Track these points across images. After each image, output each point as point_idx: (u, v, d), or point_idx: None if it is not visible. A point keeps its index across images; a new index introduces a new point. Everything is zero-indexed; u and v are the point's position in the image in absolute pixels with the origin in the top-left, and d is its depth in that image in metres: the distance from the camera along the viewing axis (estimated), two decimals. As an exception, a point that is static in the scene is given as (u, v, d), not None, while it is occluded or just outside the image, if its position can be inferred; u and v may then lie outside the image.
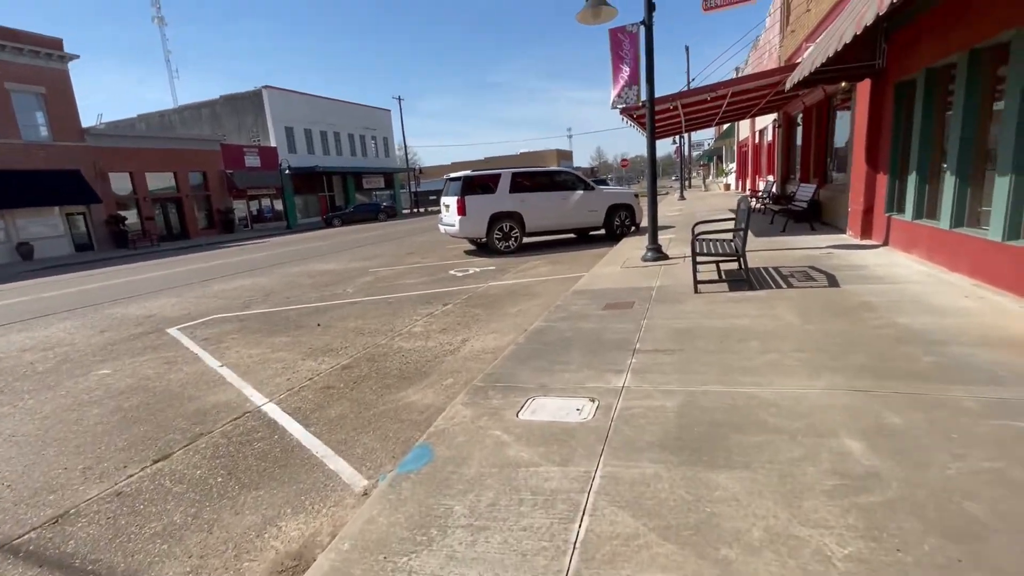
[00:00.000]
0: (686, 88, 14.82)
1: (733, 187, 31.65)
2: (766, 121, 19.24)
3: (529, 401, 3.33)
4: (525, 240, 12.61)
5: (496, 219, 11.74)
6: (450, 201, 11.90)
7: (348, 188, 42.34)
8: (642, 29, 7.78)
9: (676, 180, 33.66)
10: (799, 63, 8.36)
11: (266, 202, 35.15)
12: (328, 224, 34.74)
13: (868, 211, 8.08)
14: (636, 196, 13.15)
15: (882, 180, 7.69)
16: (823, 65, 6.63)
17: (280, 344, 5.87)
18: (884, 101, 7.57)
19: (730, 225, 8.84)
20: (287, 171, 35.31)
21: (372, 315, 6.95)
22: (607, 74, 8.24)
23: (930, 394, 2.91)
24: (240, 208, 33.04)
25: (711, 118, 14.62)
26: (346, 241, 20.22)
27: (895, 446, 2.44)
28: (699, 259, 5.92)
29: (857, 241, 8.22)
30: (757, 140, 22.31)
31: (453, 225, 11.80)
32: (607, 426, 2.90)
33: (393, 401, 4.04)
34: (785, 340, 4.01)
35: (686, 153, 35.78)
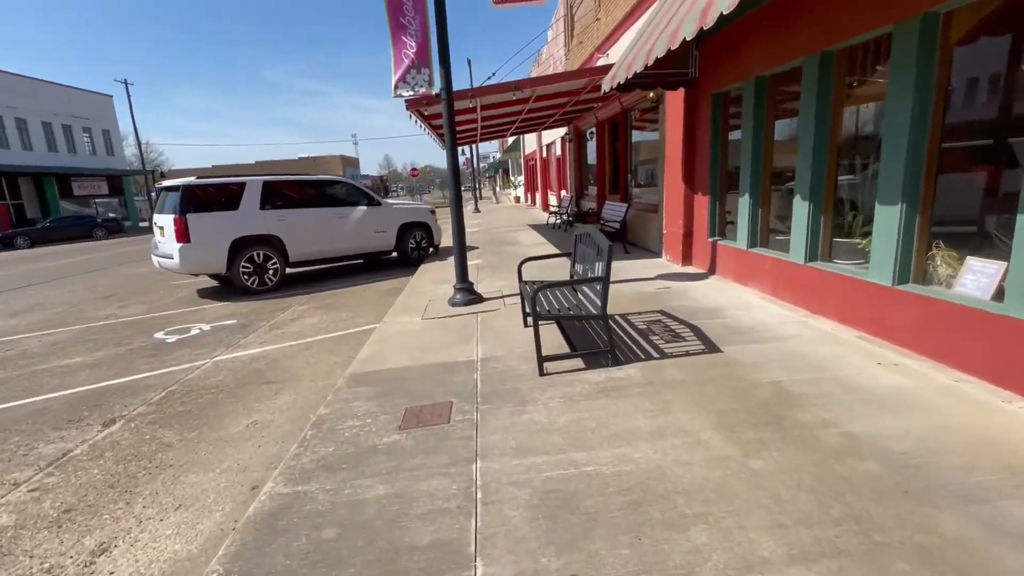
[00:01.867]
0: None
1: (523, 200, 32.25)
2: (554, 136, 19.20)
3: None
4: (290, 271, 9.43)
5: (241, 246, 8.35)
6: (165, 221, 8.08)
7: (47, 195, 31.40)
8: (431, -10, 5.65)
9: (466, 191, 32.93)
10: (611, 66, 7.24)
11: None
12: (6, 246, 24.80)
13: (688, 235, 7.33)
14: (433, 212, 11.05)
15: (702, 202, 6.95)
16: (640, 71, 5.42)
17: None
18: (699, 114, 6.82)
19: (559, 259, 7.34)
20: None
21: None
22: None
23: None
24: None
25: (506, 127, 13.43)
26: (11, 276, 13.73)
27: None
28: (543, 322, 3.96)
29: (679, 268, 7.42)
30: (545, 154, 22.46)
31: (171, 257, 8.02)
32: None
33: None
34: (743, 510, 2.20)
35: (475, 164, 35.50)
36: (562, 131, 17.60)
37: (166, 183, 8.39)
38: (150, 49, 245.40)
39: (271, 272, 8.67)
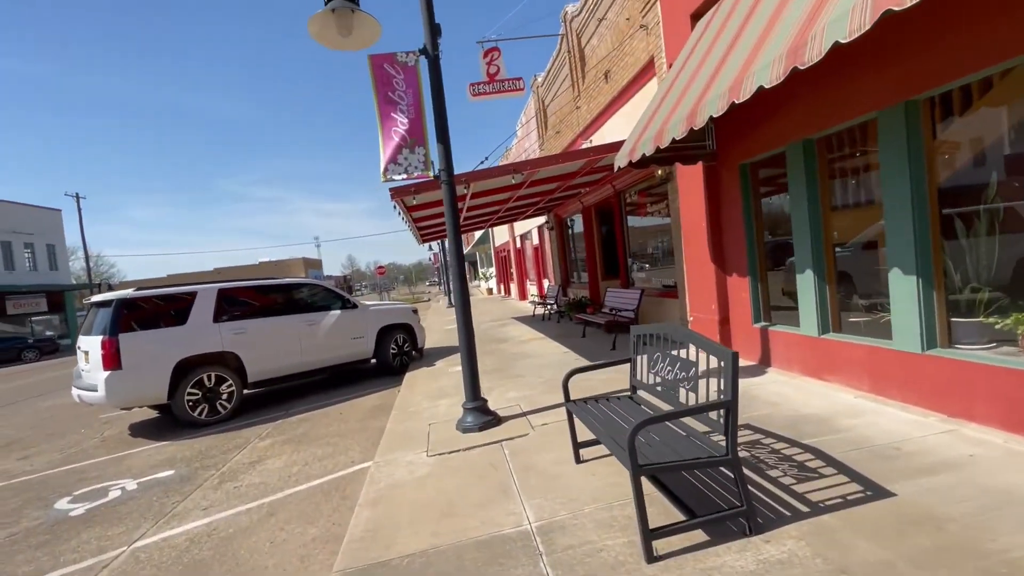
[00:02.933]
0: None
1: (495, 291, 31.55)
2: (529, 226, 18.83)
3: None
4: (249, 392, 7.87)
5: (188, 368, 6.84)
6: (91, 344, 6.55)
7: (-26, 316, 28.58)
8: (423, 61, 4.89)
9: (431, 286, 31.99)
10: (614, 144, 6.60)
11: None
12: (-85, 376, 21.70)
13: (724, 322, 6.34)
14: (415, 312, 9.84)
15: (739, 283, 6.05)
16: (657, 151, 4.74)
17: None
18: (724, 186, 6.12)
19: (612, 370, 6.22)
20: None
21: None
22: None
23: None
24: None
25: (487, 218, 12.78)
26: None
27: None
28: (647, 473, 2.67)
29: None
30: (519, 245, 22.04)
31: (95, 389, 6.40)
32: None
33: None
34: None
35: (444, 259, 34.97)
36: (537, 221, 17.21)
37: (96, 298, 6.96)
38: (102, 163, 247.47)
39: (224, 397, 7.09)
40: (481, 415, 4.87)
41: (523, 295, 22.25)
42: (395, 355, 9.15)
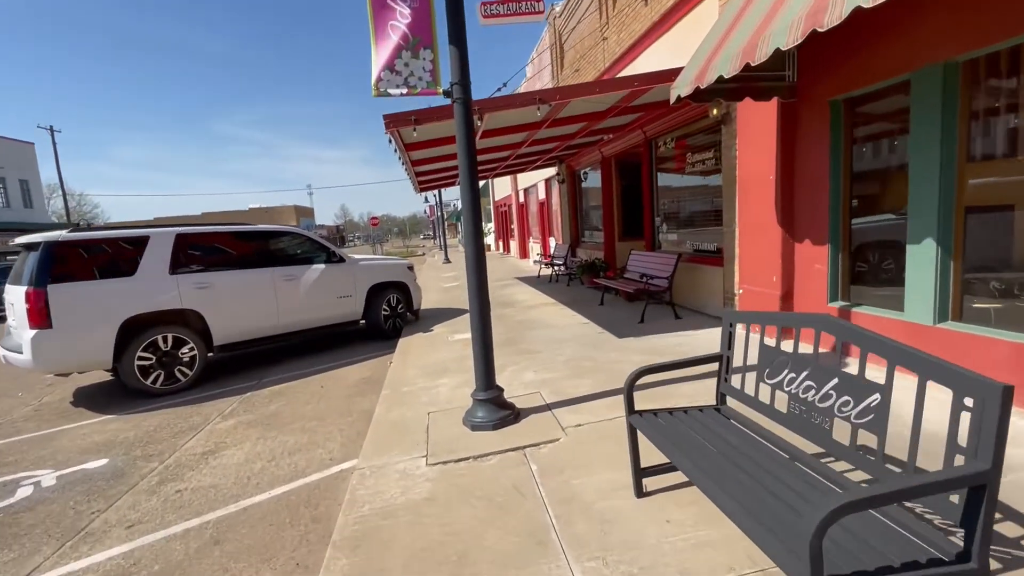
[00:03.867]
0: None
1: (493, 248, 30.31)
2: (535, 178, 17.42)
3: None
4: (220, 355, 6.81)
5: (137, 328, 5.71)
6: (17, 295, 5.38)
7: (-58, 253, 26.99)
8: (434, -71, 3.54)
9: (425, 239, 30.62)
10: (661, 73, 5.29)
11: None
12: None
13: (787, 297, 5.25)
14: (411, 268, 8.68)
15: (813, 252, 4.92)
16: (721, 80, 3.52)
17: None
18: (806, 129, 4.89)
19: (649, 340, 5.00)
20: None
21: None
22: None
23: None
24: None
25: (495, 165, 11.41)
26: None
27: None
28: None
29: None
30: (523, 199, 20.66)
31: (20, 351, 5.28)
32: None
33: None
34: None
35: (440, 212, 33.47)
36: (543, 173, 15.82)
37: (22, 239, 5.73)
38: (89, 97, 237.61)
39: (185, 363, 6.00)
40: (496, 409, 3.81)
41: (524, 254, 21.06)
42: (387, 317, 8.05)
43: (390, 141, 5.51)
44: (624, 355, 5.29)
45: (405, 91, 3.58)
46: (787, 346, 2.35)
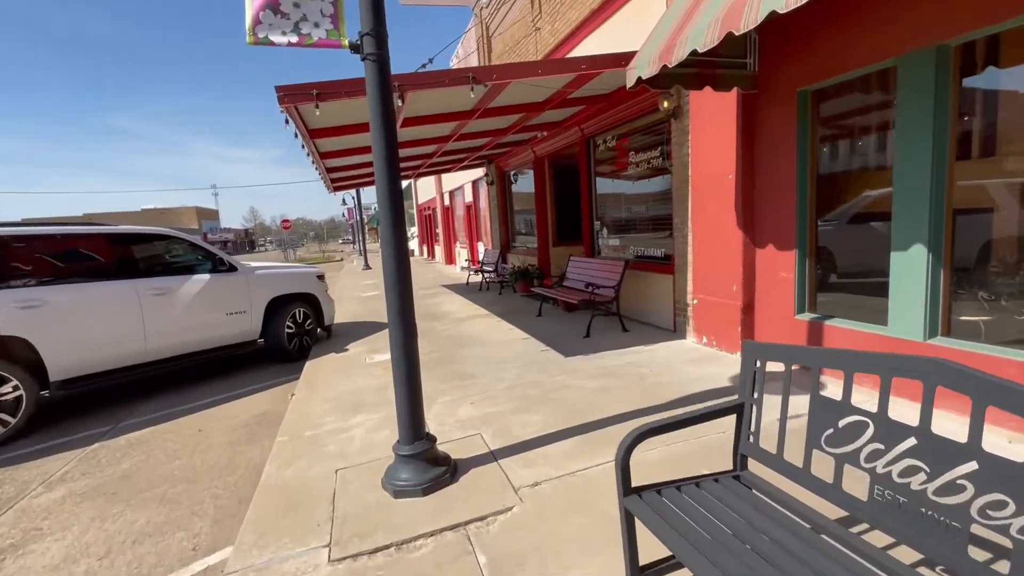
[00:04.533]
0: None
1: (417, 253, 29.00)
2: (460, 180, 16.55)
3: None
4: (63, 390, 5.32)
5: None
6: None
7: None
8: None
9: (345, 244, 28.81)
10: (613, 56, 4.67)
11: None
12: None
13: (748, 308, 4.77)
14: (322, 277, 7.49)
15: (778, 258, 4.47)
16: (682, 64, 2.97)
17: None
18: (772, 123, 4.43)
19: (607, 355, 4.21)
20: None
21: None
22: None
23: None
24: None
25: (419, 163, 10.40)
26: None
27: None
28: None
29: (735, 357, 4.80)
30: (448, 202, 19.68)
31: None
32: None
33: None
34: None
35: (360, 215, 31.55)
36: (470, 174, 15.01)
37: None
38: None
39: (6, 406, 4.51)
40: (427, 467, 2.89)
41: (450, 259, 20.09)
42: (293, 336, 6.82)
43: (287, 122, 4.42)
44: (575, 378, 4.55)
45: (295, 40, 2.60)
46: (862, 399, 1.67)
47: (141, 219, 68.61)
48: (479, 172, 13.69)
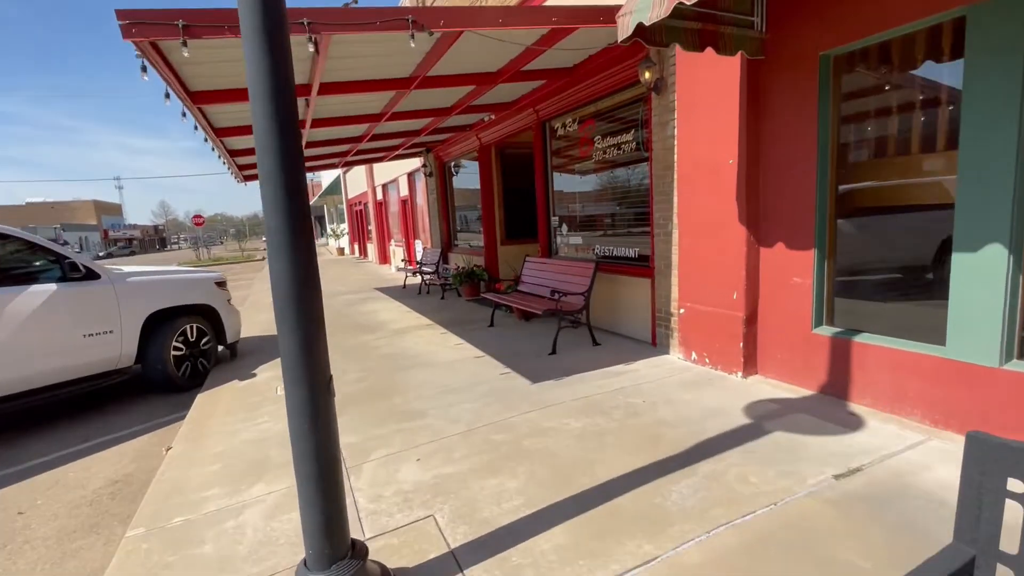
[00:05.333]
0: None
1: (348, 252, 27.06)
2: (394, 172, 15.17)
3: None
4: None
5: None
6: None
7: None
8: None
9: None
10: (601, 9, 3.72)
11: None
12: None
13: (751, 320, 3.99)
14: (222, 284, 6.06)
15: (790, 259, 3.70)
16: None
17: None
18: (785, 96, 3.65)
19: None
20: None
21: None
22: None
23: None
24: None
25: (348, 148, 9.02)
26: None
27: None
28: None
29: (738, 379, 4.01)
30: (381, 196, 18.16)
31: None
32: None
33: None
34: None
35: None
36: (405, 166, 13.71)
37: None
38: None
39: None
40: (352, 602, 1.78)
41: (384, 259, 18.60)
42: (182, 359, 5.37)
43: (144, 69, 3.09)
44: (552, 416, 3.57)
45: None
46: None
47: (26, 213, 60.70)
48: (415, 163, 12.43)
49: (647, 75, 4.44)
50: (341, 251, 27.55)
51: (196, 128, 4.98)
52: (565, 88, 5.97)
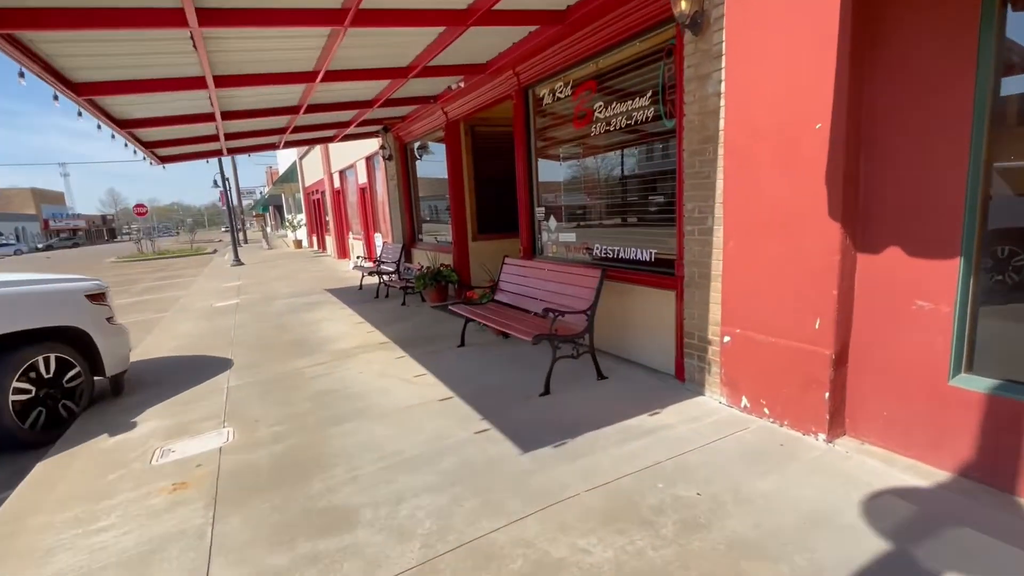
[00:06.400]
0: None
1: (306, 244, 25.13)
2: (353, 156, 13.53)
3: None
4: None
5: None
6: None
7: None
8: None
9: (227, 232, 24.32)
10: None
11: None
12: None
13: (841, 361, 2.75)
14: (100, 297, 4.49)
15: (908, 275, 2.47)
16: None
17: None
18: (911, 28, 2.38)
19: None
20: None
21: None
22: None
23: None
24: None
25: (279, 130, 7.43)
26: None
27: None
28: None
29: (821, 444, 2.78)
30: (339, 183, 16.44)
31: None
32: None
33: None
34: None
35: (235, 201, 26.82)
36: (363, 148, 12.11)
37: None
38: None
39: None
40: None
41: (344, 253, 16.93)
42: (32, 404, 3.84)
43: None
44: (560, 527, 2.25)
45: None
46: None
47: (-49, 202, 55.56)
48: (374, 144, 10.85)
49: (683, 5, 3.11)
50: (299, 244, 25.56)
51: (100, 128, 3.43)
52: (555, 40, 4.61)
